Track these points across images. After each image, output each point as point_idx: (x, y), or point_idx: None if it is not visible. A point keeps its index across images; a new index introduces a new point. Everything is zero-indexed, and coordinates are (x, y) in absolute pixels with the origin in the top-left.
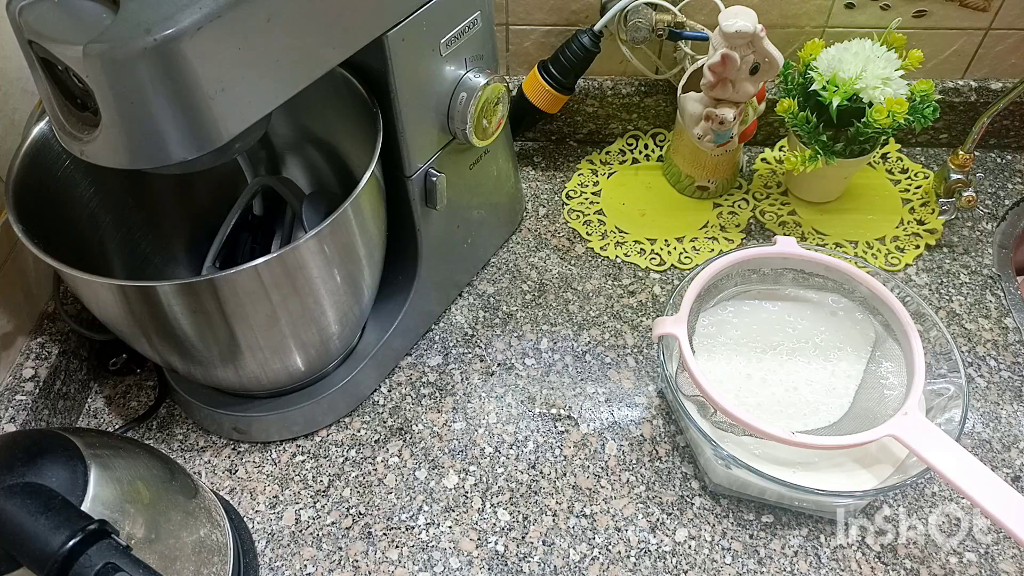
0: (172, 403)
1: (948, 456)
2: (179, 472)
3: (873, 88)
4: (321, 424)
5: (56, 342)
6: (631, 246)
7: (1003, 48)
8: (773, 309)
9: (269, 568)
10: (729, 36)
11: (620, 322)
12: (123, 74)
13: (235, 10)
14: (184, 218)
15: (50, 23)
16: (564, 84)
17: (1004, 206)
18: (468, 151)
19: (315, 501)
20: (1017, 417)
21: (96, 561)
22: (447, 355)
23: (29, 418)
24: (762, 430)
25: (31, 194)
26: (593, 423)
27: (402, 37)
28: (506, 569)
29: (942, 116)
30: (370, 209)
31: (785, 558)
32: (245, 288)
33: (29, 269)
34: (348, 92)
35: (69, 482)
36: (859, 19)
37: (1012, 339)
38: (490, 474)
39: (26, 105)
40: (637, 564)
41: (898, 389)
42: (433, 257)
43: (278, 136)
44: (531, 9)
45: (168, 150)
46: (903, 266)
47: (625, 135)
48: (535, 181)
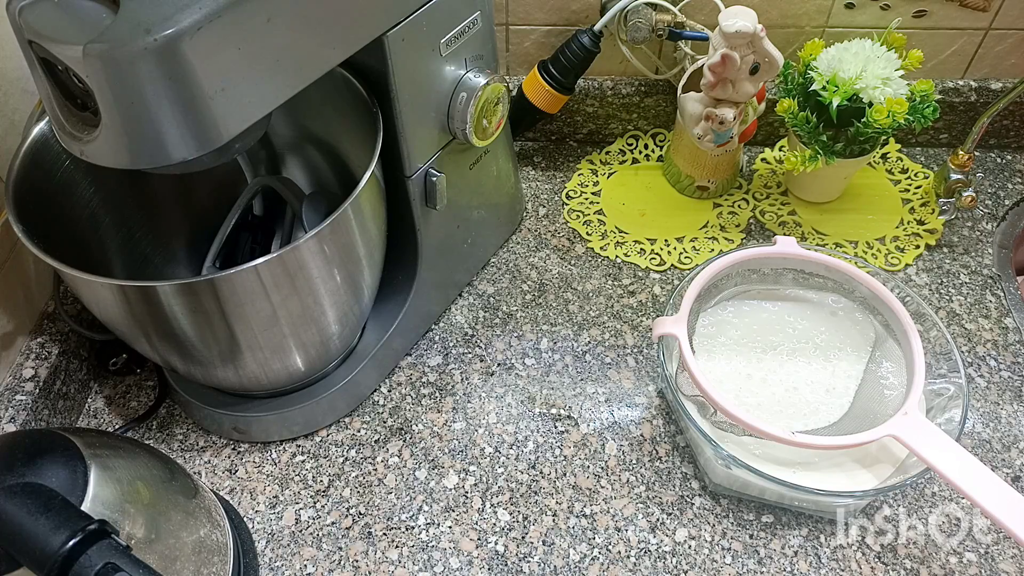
0: (172, 403)
1: (948, 456)
2: (179, 472)
3: (873, 88)
4: (321, 424)
5: (56, 342)
6: (631, 246)
7: (1003, 48)
8: (773, 309)
9: (269, 568)
10: (729, 36)
11: (620, 322)
12: (123, 74)
13: (235, 10)
14: (184, 218)
15: (50, 23)
16: (564, 84)
17: (1004, 206)
18: (468, 151)
19: (315, 501)
20: (1017, 417)
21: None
22: (447, 355)
23: (29, 418)
24: (762, 430)
25: (31, 194)
26: (593, 423)
27: (402, 37)
28: (506, 569)
29: (942, 116)
30: (370, 209)
31: (785, 558)
32: (245, 288)
33: (29, 269)
34: (348, 92)
35: (69, 482)
36: (859, 19)
37: (1012, 339)
38: (490, 474)
39: (26, 105)
40: (637, 564)
41: (898, 389)
42: (433, 257)
43: (278, 136)
44: (531, 9)
45: (168, 150)
46: (903, 266)
47: (625, 135)
48: (535, 181)
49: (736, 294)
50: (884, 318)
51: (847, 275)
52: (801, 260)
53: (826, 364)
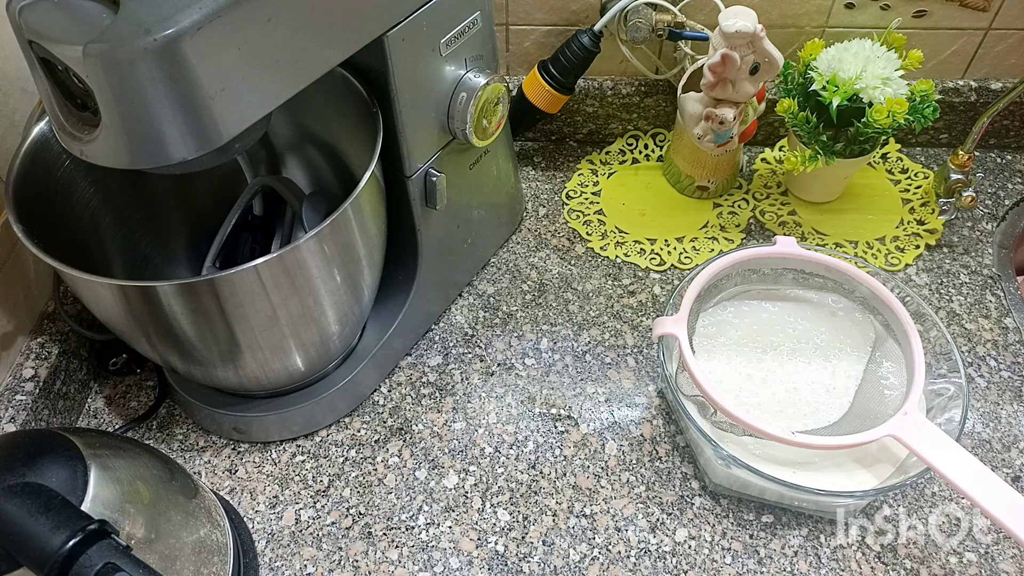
0: (172, 403)
1: (948, 456)
2: (179, 472)
3: (873, 88)
4: (321, 424)
5: (56, 342)
6: (631, 246)
7: (1003, 48)
8: (773, 309)
9: (269, 568)
10: (729, 36)
11: (620, 322)
12: (123, 74)
13: (235, 10)
14: (184, 218)
15: (50, 23)
16: (564, 84)
17: (1004, 206)
18: (468, 151)
19: (315, 501)
20: (1017, 417)
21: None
22: (447, 355)
23: (29, 418)
24: (762, 430)
25: (31, 194)
26: (593, 423)
27: (402, 37)
28: (506, 569)
29: (942, 116)
30: (370, 209)
31: (785, 558)
32: (245, 288)
33: (29, 269)
34: (348, 92)
35: (69, 482)
36: (859, 19)
37: (1012, 339)
38: (490, 474)
39: (26, 105)
40: (637, 564)
41: (898, 389)
42: (433, 257)
43: (278, 136)
44: (531, 9)
45: (168, 150)
46: (903, 266)
47: (625, 135)
48: (535, 181)
49: (736, 294)
50: (884, 318)
51: (847, 275)
52: (801, 260)
53: (826, 364)
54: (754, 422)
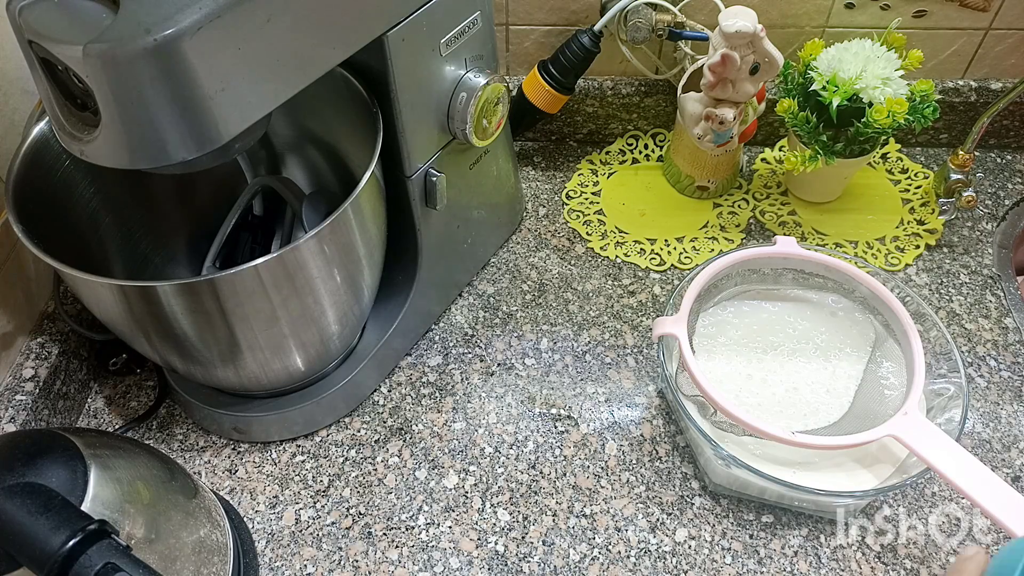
0: (172, 403)
1: (948, 456)
2: (179, 472)
3: (873, 88)
4: (321, 424)
5: (56, 342)
6: (631, 246)
7: (1003, 48)
8: (773, 309)
9: (269, 568)
10: (729, 36)
11: (620, 322)
12: (123, 74)
13: (235, 10)
14: (184, 218)
15: (50, 23)
16: (564, 84)
17: (1004, 206)
18: (468, 151)
19: (315, 501)
20: (1017, 417)
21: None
22: (447, 355)
23: (29, 418)
24: (762, 430)
25: (31, 194)
26: (593, 423)
27: (402, 37)
28: (506, 569)
29: (942, 116)
30: (370, 209)
31: (785, 558)
32: (245, 288)
33: (29, 269)
34: (348, 92)
35: (69, 482)
36: (859, 19)
37: (1012, 339)
38: (490, 474)
39: (26, 105)
40: (637, 564)
41: (898, 389)
42: (433, 257)
43: (278, 136)
44: (531, 9)
45: (168, 150)
46: (903, 266)
47: (625, 135)
48: (535, 181)
49: (736, 294)
50: (884, 318)
51: (847, 275)
52: (801, 260)
53: (826, 364)
54: (754, 422)
